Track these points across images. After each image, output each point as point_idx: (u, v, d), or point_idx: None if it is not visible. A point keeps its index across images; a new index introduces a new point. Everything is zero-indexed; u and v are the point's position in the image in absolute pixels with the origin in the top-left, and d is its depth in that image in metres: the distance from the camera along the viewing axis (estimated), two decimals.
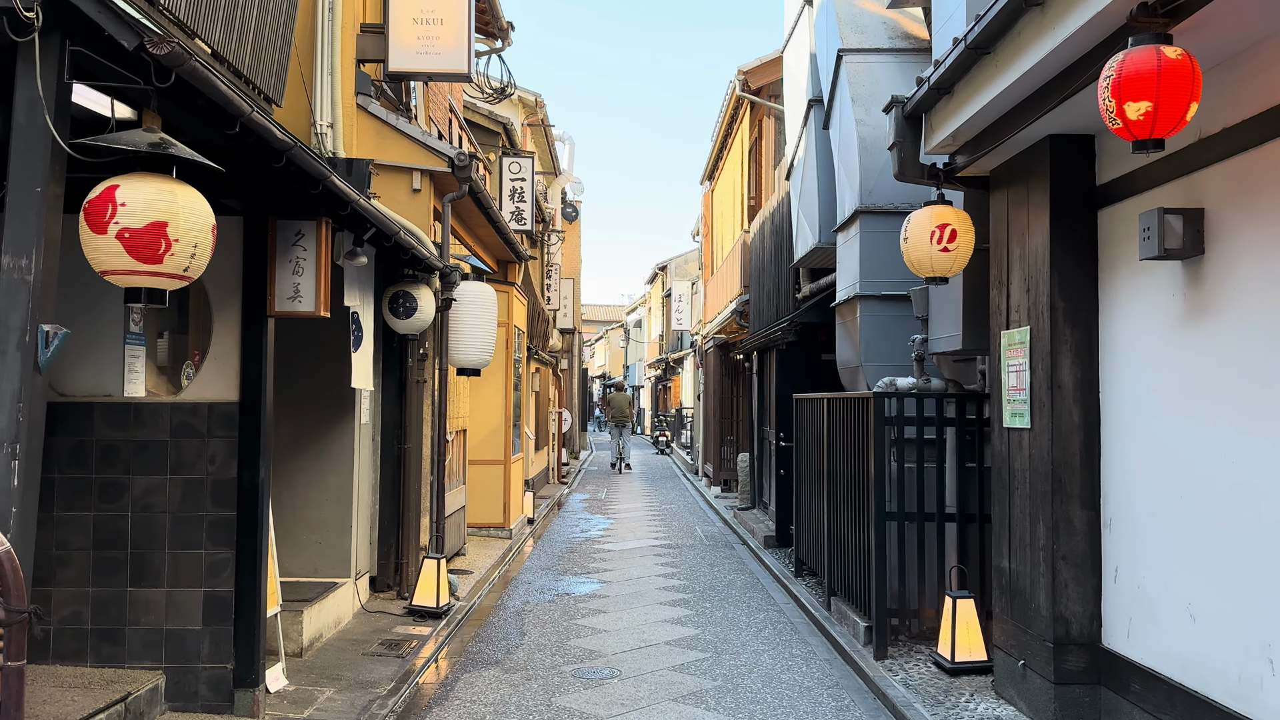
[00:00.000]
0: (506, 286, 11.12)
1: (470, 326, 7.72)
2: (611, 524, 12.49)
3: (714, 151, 17.24)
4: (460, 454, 9.51)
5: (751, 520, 11.34)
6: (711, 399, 16.81)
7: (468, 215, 9.28)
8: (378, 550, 7.30)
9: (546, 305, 19.73)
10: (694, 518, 13.15)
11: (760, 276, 11.78)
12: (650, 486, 18.19)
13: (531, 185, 12.77)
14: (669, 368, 35.64)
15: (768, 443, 11.46)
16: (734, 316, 13.65)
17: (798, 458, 8.30)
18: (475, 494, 10.83)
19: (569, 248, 27.38)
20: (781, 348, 10.01)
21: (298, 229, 4.74)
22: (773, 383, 10.84)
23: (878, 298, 6.56)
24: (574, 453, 26.42)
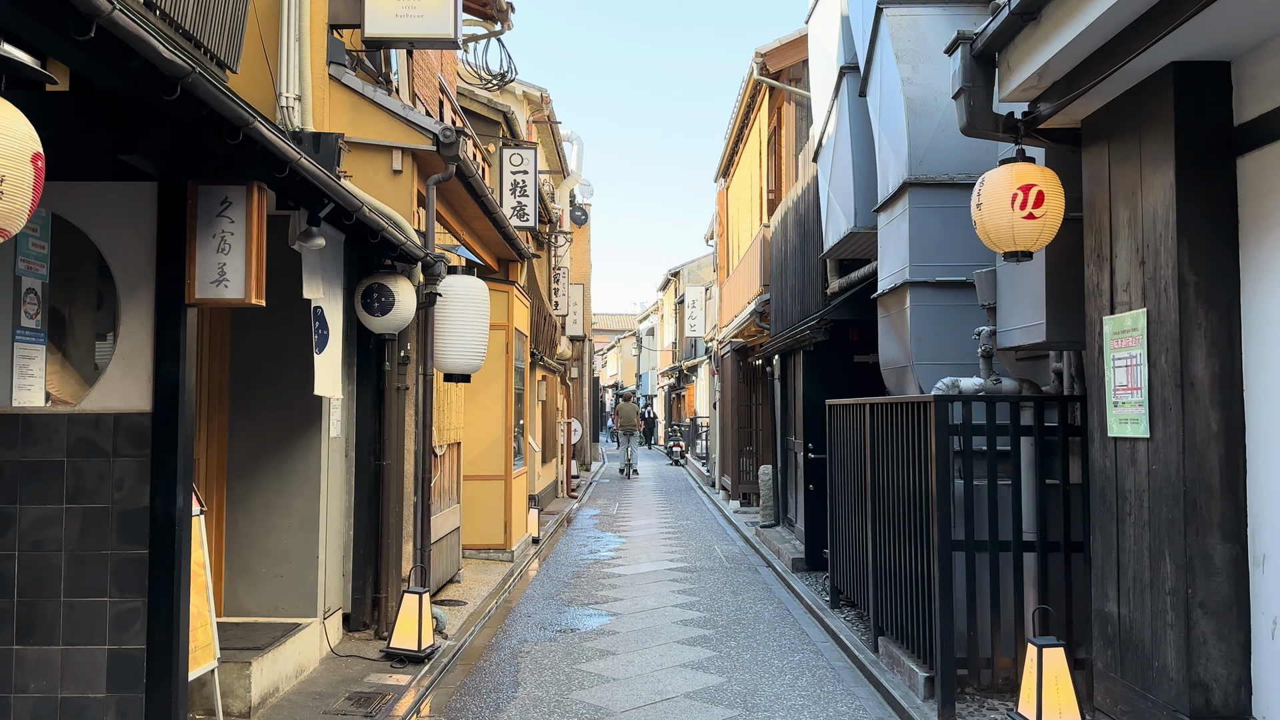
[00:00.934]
0: (506, 285, 10.19)
1: (459, 325, 6.78)
2: (623, 543, 11.51)
3: (729, 146, 16.30)
4: (453, 469, 8.57)
5: (776, 539, 10.33)
6: (728, 407, 15.84)
7: (460, 205, 8.36)
8: (352, 583, 6.35)
9: (554, 311, 18.82)
10: (712, 535, 12.15)
11: (782, 273, 10.81)
12: (664, 500, 17.20)
13: (534, 179, 11.86)
14: (683, 376, 34.67)
15: (793, 454, 10.47)
16: (753, 318, 12.68)
17: (832, 472, 7.31)
18: (472, 513, 9.87)
19: (578, 252, 26.49)
20: (809, 349, 9.03)
21: (223, 196, 3.81)
22: (799, 388, 9.85)
23: (930, 285, 5.58)
24: (585, 464, 25.45)
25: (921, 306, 5.58)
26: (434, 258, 6.43)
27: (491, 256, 10.87)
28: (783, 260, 10.81)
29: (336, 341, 5.66)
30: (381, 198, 6.56)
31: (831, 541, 7.37)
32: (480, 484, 9.94)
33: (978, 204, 4.15)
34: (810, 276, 9.09)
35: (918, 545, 5.05)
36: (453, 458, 8.51)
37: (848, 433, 6.73)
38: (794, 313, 9.93)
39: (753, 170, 14.40)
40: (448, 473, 8.32)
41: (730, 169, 17.12)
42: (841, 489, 7.04)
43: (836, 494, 7.23)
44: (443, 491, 8.09)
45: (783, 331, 10.41)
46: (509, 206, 11.80)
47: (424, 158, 6.86)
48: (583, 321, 24.56)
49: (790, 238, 10.19)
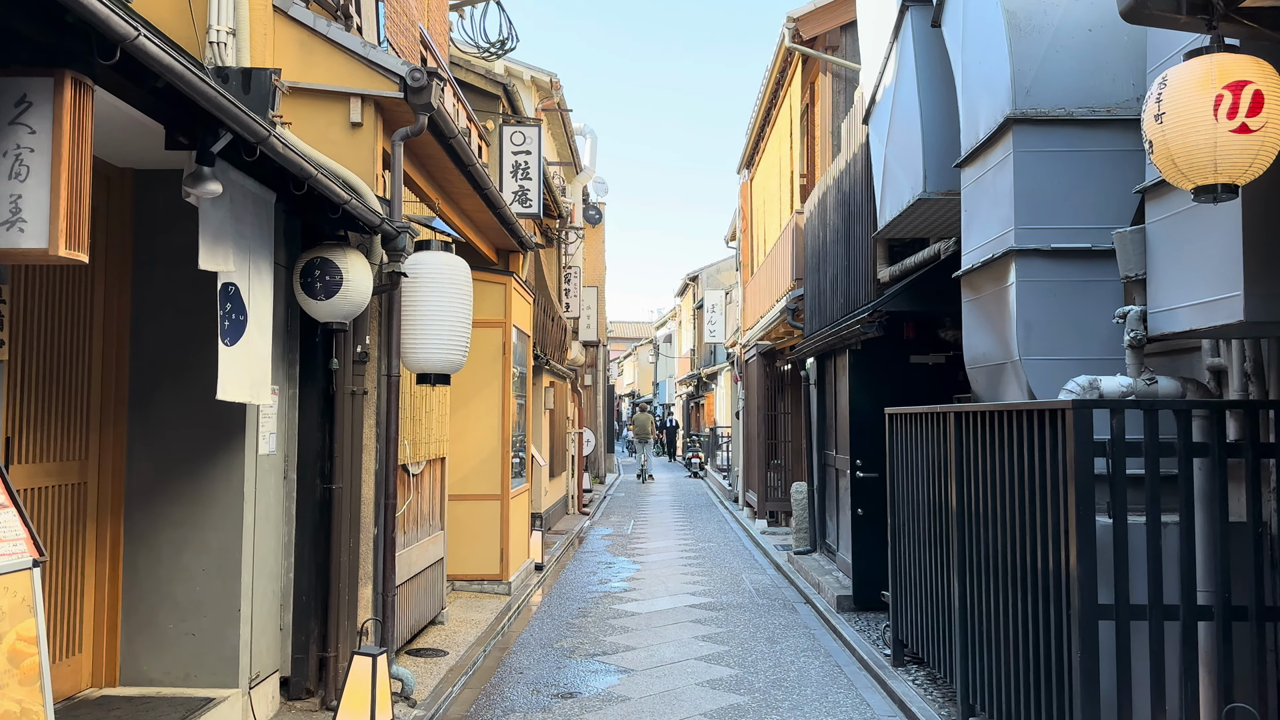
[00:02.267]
0: (503, 276, 8.87)
1: (433, 314, 5.46)
2: (638, 571, 10.14)
3: (753, 131, 14.95)
4: (435, 490, 7.24)
5: (813, 569, 8.94)
6: (753, 416, 14.46)
7: (445, 178, 7.06)
8: (292, 639, 5.02)
9: (564, 313, 17.51)
10: (739, 561, 10.76)
11: (820, 263, 9.45)
12: (683, 517, 15.82)
13: (539, 160, 10.56)
14: (701, 384, 33.29)
15: (833, 471, 9.08)
16: (783, 316, 11.31)
17: (894, 495, 5.93)
18: (462, 539, 8.55)
19: (592, 253, 25.20)
20: (856, 348, 7.66)
21: (19, 94, 2.50)
22: (842, 394, 8.47)
23: (1044, 254, 4.20)
24: (598, 477, 24.10)
25: (1032, 282, 4.20)
26: (397, 227, 5.11)
27: (489, 246, 9.58)
28: (819, 249, 9.44)
29: (261, 332, 4.34)
30: (337, 156, 5.26)
31: (894, 582, 5.98)
32: (472, 505, 8.61)
33: (1158, 114, 2.79)
34: (857, 264, 7.72)
35: (1040, 604, 3.67)
36: (435, 476, 7.18)
37: (918, 448, 5.35)
38: (835, 307, 8.56)
39: (781, 155, 13.04)
40: (428, 494, 6.99)
41: (755, 158, 15.77)
42: (908, 518, 5.66)
43: (900, 524, 5.84)
44: (420, 517, 6.76)
45: (821, 330, 9.03)
46: (509, 191, 10.50)
47: (390, 108, 5.55)
48: (597, 326, 23.26)
49: (830, 221, 8.83)
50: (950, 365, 7.57)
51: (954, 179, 5.42)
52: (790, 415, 13.69)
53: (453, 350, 5.53)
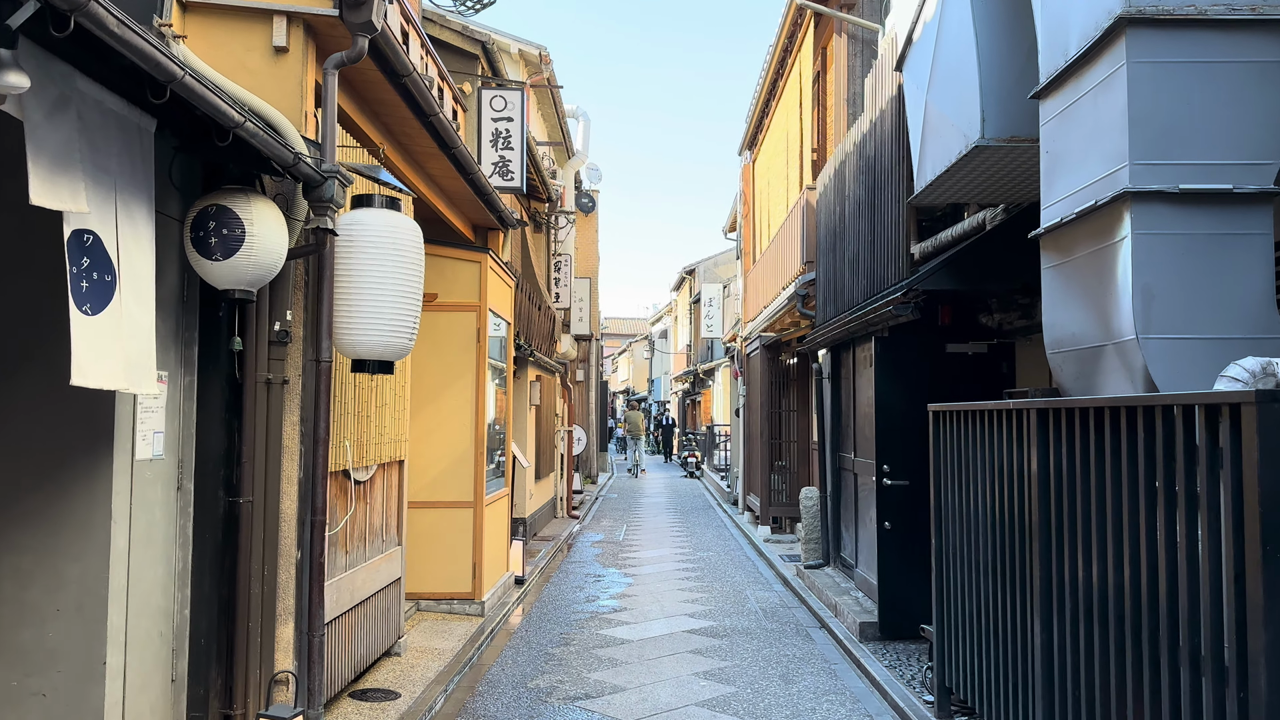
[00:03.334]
0: (477, 254, 7.82)
1: (371, 285, 4.40)
2: (630, 585, 9.10)
3: (757, 107, 13.89)
4: (390, 498, 6.18)
5: (828, 587, 7.90)
6: (756, 414, 13.41)
7: (404, 131, 6.02)
8: (187, 692, 3.97)
9: (554, 303, 16.47)
10: (742, 575, 9.72)
11: (835, 243, 8.40)
12: (680, 521, 14.77)
13: (522, 129, 9.49)
14: (698, 380, 32.28)
15: (850, 475, 8.05)
16: (791, 304, 10.26)
17: (942, 509, 4.89)
18: (429, 552, 7.50)
19: (585, 243, 24.15)
20: (882, 335, 6.62)
21: None
22: (864, 388, 7.43)
23: (1172, 198, 3.15)
24: (590, 477, 23.06)
25: (1154, 236, 3.15)
26: (324, 171, 4.04)
27: (464, 222, 8.52)
28: (835, 226, 8.40)
29: (139, 299, 3.28)
30: (257, 88, 4.21)
31: (940, 615, 4.93)
32: (440, 514, 7.56)
33: None
34: (885, 238, 6.67)
35: (1183, 670, 2.63)
36: (390, 482, 6.13)
37: (977, 453, 4.31)
38: (856, 290, 7.51)
39: (789, 129, 11.99)
40: (381, 504, 5.93)
41: (758, 136, 14.72)
42: (960, 538, 4.61)
43: (948, 544, 4.80)
44: (370, 532, 5.70)
45: (838, 317, 7.98)
46: (488, 163, 9.43)
47: (323, 31, 4.49)
48: (589, 319, 22.24)
49: (850, 193, 7.78)
50: (994, 355, 6.54)
51: (1019, 120, 4.38)
52: (796, 413, 12.66)
53: (396, 331, 4.46)
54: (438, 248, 7.72)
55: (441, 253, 7.70)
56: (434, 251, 7.71)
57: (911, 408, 6.51)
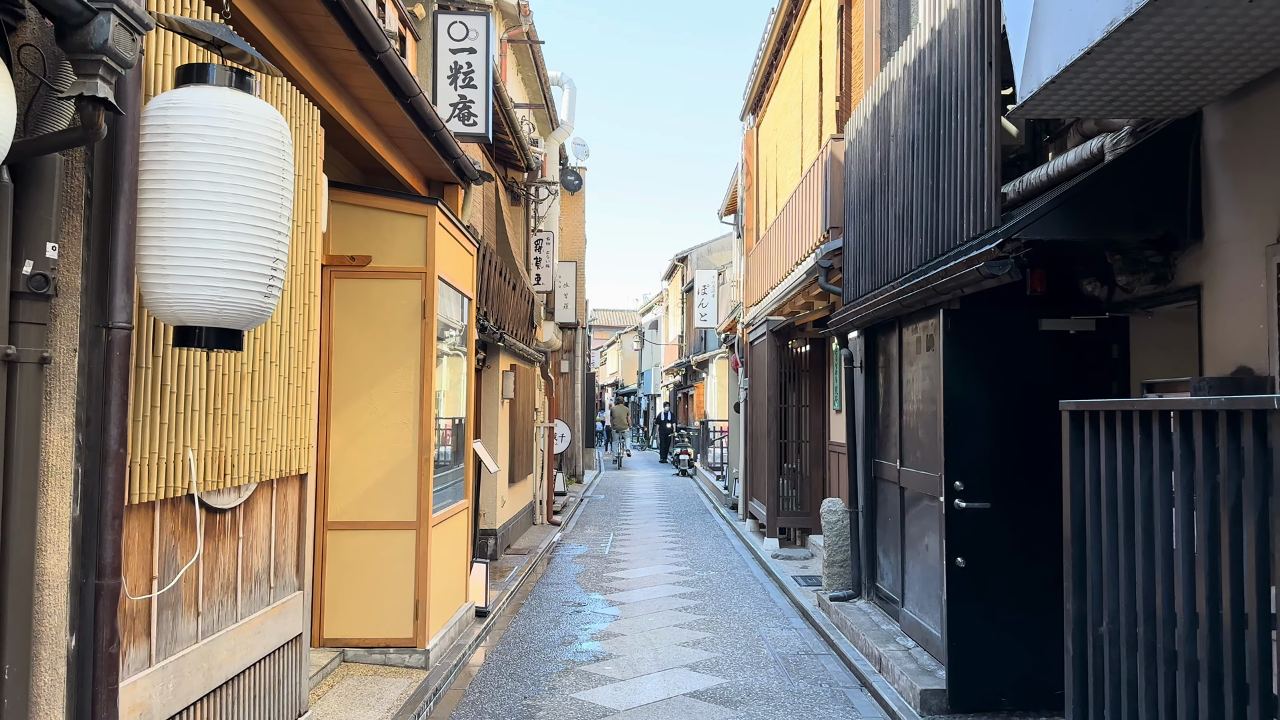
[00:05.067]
0: (422, 205, 6.14)
1: (196, 203, 2.72)
2: (616, 619, 7.46)
3: (764, 58, 12.21)
4: (286, 528, 4.49)
5: (865, 628, 6.27)
6: (761, 409, 11.78)
7: (312, 29, 4.37)
8: None
9: (535, 285, 14.80)
10: (751, 604, 8.08)
11: (873, 198, 6.76)
12: (673, 530, 13.13)
13: (488, 63, 7.80)
14: (691, 372, 30.66)
15: (893, 488, 6.42)
16: (810, 279, 8.63)
17: (1097, 555, 3.26)
18: (355, 588, 5.85)
19: (570, 224, 22.47)
20: (952, 307, 4.99)
21: None
22: (917, 379, 5.81)
23: None
24: (575, 476, 21.43)
25: None
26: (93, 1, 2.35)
27: (414, 173, 6.85)
28: (875, 178, 6.75)
29: None
30: None
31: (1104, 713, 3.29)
32: (373, 538, 5.90)
33: None
34: (956, 178, 5.02)
35: None
36: (282, 505, 4.44)
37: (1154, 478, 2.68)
38: (907, 254, 5.86)
39: (804, 78, 10.32)
40: (264, 537, 4.25)
41: (764, 94, 13.04)
42: (1127, 603, 2.98)
43: (1114, 607, 3.17)
44: (244, 580, 4.02)
45: (878, 290, 6.35)
46: (446, 103, 7.75)
47: None
48: (575, 306, 20.57)
49: (900, 129, 6.13)
50: (1102, 334, 4.91)
51: None
52: (809, 409, 11.03)
53: (241, 281, 2.79)
54: (370, 197, 6.05)
55: (375, 203, 6.03)
56: (364, 202, 6.04)
57: (995, 405, 4.88)
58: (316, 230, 4.66)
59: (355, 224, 6.01)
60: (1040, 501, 4.77)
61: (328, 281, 5.94)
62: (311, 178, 4.61)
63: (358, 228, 6.02)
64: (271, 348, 4.08)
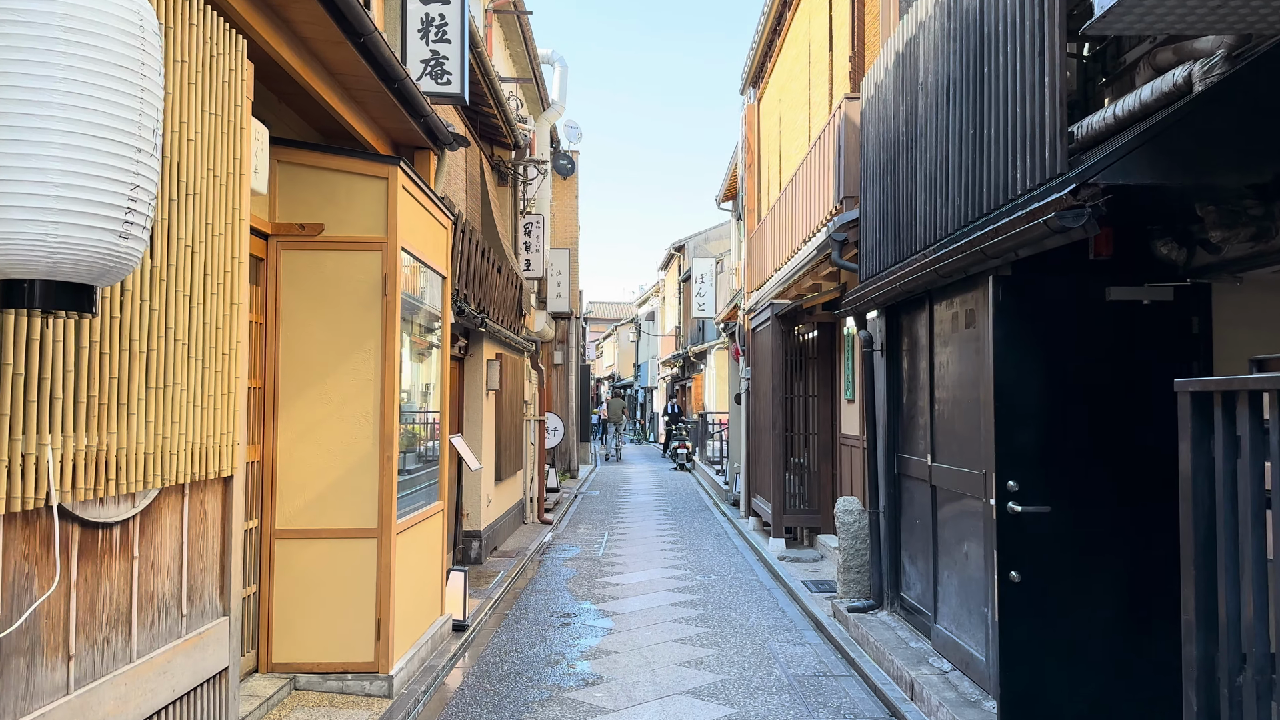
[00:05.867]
0: (381, 166, 5.35)
1: (18, 96, 1.95)
2: (610, 632, 6.71)
3: (768, 22, 11.40)
4: (201, 543, 3.71)
5: (891, 645, 5.52)
6: (765, 400, 11.03)
7: None
8: None
9: (524, 271, 14.03)
10: (758, 614, 7.33)
11: (896, 158, 5.98)
12: (672, 528, 12.38)
13: (463, 14, 7.01)
14: (689, 364, 29.93)
15: (923, 487, 5.66)
16: (821, 256, 7.86)
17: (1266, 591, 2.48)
18: (307, 604, 5.08)
19: (563, 210, 21.68)
20: (1003, 274, 4.23)
21: None
22: (951, 361, 5.05)
23: None
24: (569, 471, 20.68)
25: None
26: None
27: (379, 134, 6.07)
28: (899, 135, 5.98)
29: None
30: None
31: None
32: (328, 548, 5.13)
33: None
34: (1009, 121, 4.24)
35: None
36: (197, 516, 3.66)
37: None
38: (940, 217, 5.09)
39: (812, 38, 9.54)
40: (171, 555, 3.48)
41: (766, 63, 12.24)
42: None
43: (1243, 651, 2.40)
44: (142, 610, 3.25)
45: (904, 261, 5.58)
46: (416, 59, 6.95)
47: None
48: (569, 295, 19.81)
49: (931, 76, 5.35)
50: (1180, 305, 4.15)
51: None
52: (816, 399, 10.27)
53: (84, 215, 2.01)
54: (321, 156, 5.26)
55: (327, 163, 5.25)
56: (315, 162, 5.25)
57: (1054, 389, 4.12)
58: (241, 183, 3.89)
59: (305, 188, 5.23)
60: (1110, 504, 4.02)
61: (274, 254, 5.17)
62: (236, 120, 3.83)
63: (308, 192, 5.24)
64: (176, 321, 3.30)
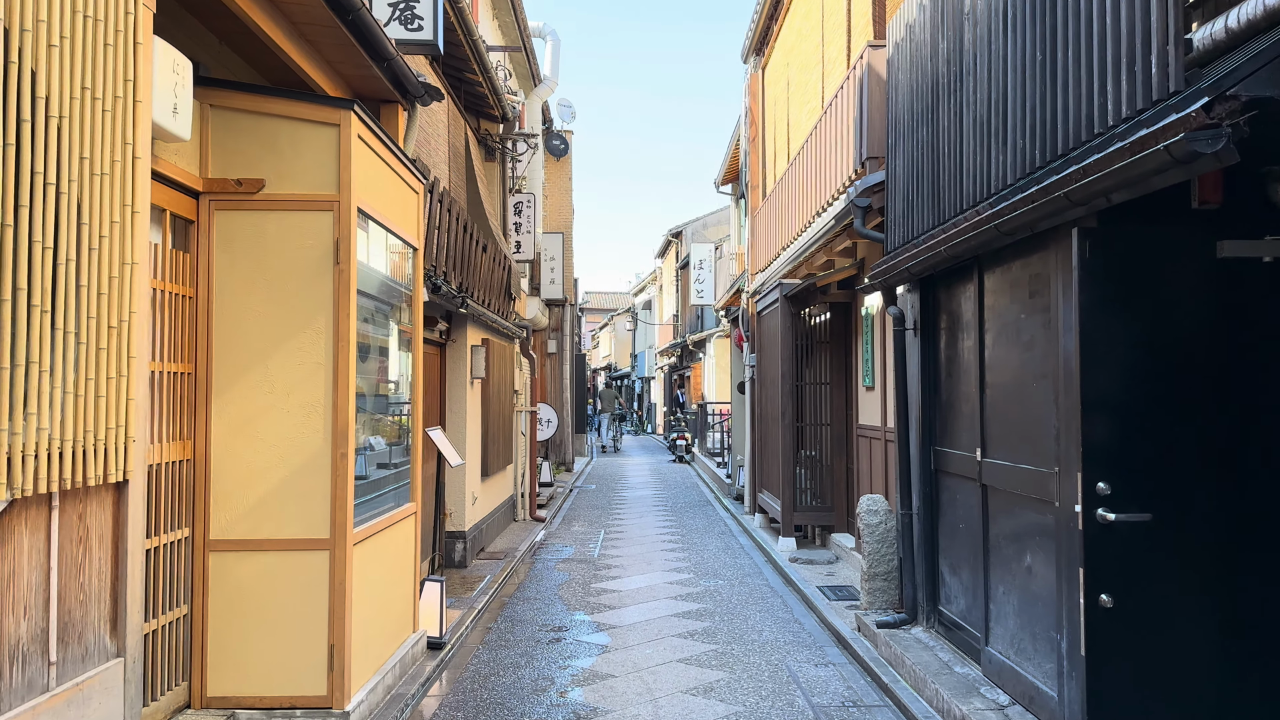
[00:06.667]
0: (331, 110, 4.52)
1: None
2: (606, 650, 5.93)
3: None
4: (85, 565, 2.92)
5: (933, 670, 4.75)
6: (773, 388, 10.24)
7: None
8: None
9: (515, 253, 13.22)
10: (773, 627, 6.56)
11: (933, 107, 5.18)
12: (673, 525, 11.61)
13: None
14: (686, 353, 29.15)
15: (971, 488, 4.88)
16: (840, 226, 7.07)
17: None
18: (247, 628, 4.30)
19: (557, 192, 20.86)
20: (1088, 226, 3.42)
21: None
22: (1014, 340, 4.26)
23: None
24: (564, 463, 19.91)
25: None
26: None
27: (340, 86, 5.26)
28: (938, 79, 5.17)
29: None
30: None
31: None
32: (271, 561, 4.34)
33: None
34: (1098, 37, 3.44)
35: None
36: (75, 533, 2.86)
37: None
38: (994, 168, 4.29)
39: None
40: (34, 587, 2.68)
41: (773, 26, 11.39)
42: None
43: None
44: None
45: (953, 223, 4.79)
46: (384, 3, 6.14)
47: None
48: (563, 281, 19.01)
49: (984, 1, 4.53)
50: None
51: None
52: (829, 386, 9.48)
53: None
54: (261, 100, 4.45)
55: (269, 108, 4.44)
56: (255, 106, 4.44)
57: (1154, 369, 3.33)
58: (136, 113, 3.08)
59: (242, 137, 4.43)
60: (1228, 511, 3.23)
61: (206, 214, 4.36)
62: (126, 31, 3.02)
63: (246, 142, 4.43)
64: (31, 281, 2.50)
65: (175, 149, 4.10)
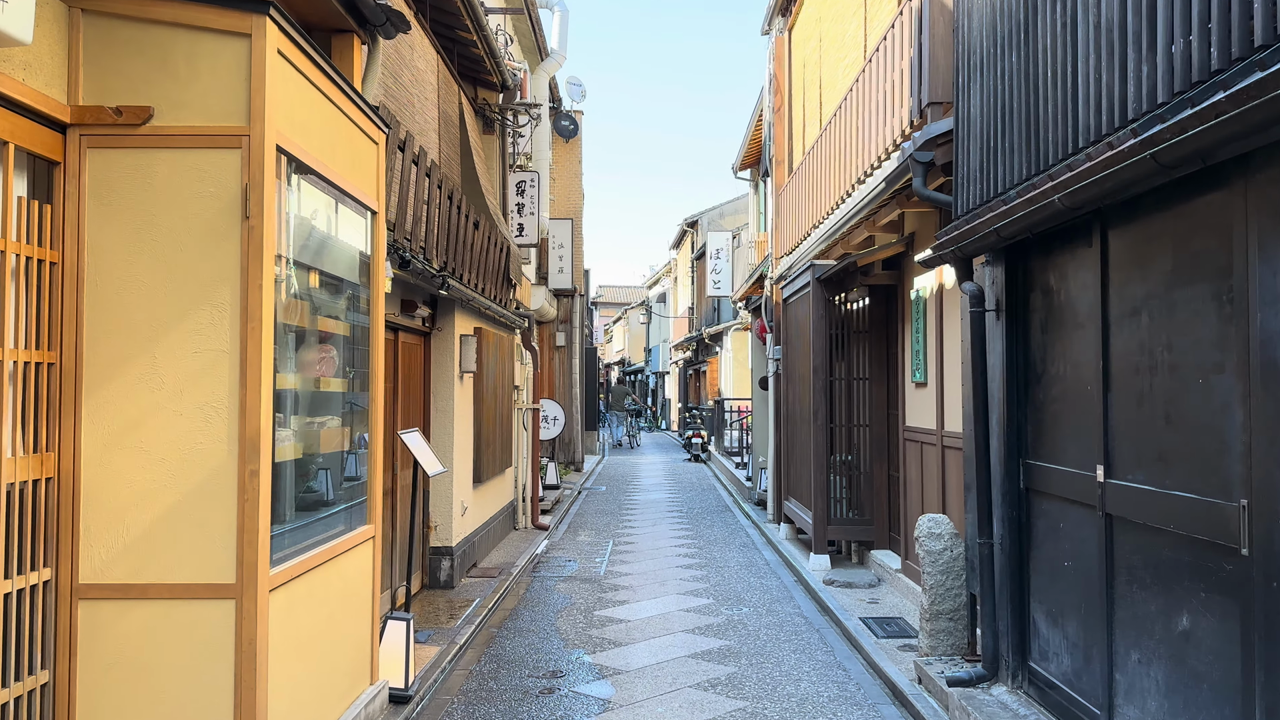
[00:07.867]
0: (239, 14, 3.40)
1: None
2: (608, 705, 4.83)
3: None
4: None
5: None
6: (803, 384, 9.11)
7: None
8: None
9: (518, 236, 12.13)
10: (813, 678, 5.43)
11: (1029, 24, 4.03)
12: (689, 536, 10.49)
13: None
14: (703, 346, 28.02)
15: (1073, 510, 3.73)
16: (889, 190, 5.94)
17: None
18: (130, 700, 3.20)
19: (565, 175, 19.72)
20: None
21: None
22: (1199, 316, 3.10)
23: None
24: (573, 463, 18.81)
25: None
26: None
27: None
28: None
29: None
30: None
31: None
32: (157, 613, 3.25)
33: None
34: None
35: None
36: None
37: None
38: (1141, 85, 3.14)
39: None
40: None
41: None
42: None
43: None
44: None
45: (1065, 165, 3.64)
46: None
47: None
48: (572, 270, 17.92)
49: None
50: None
51: None
52: (869, 382, 8.33)
53: None
54: (141, 2, 3.35)
55: (154, 12, 3.33)
56: (139, 12, 3.34)
57: None
58: None
59: (124, 52, 3.34)
60: None
61: (75, 153, 3.28)
62: None
63: (129, 59, 3.34)
64: None
65: (29, 65, 3.02)
